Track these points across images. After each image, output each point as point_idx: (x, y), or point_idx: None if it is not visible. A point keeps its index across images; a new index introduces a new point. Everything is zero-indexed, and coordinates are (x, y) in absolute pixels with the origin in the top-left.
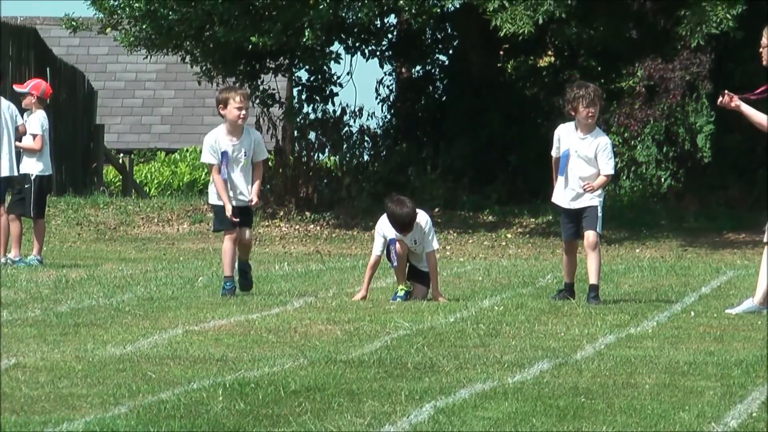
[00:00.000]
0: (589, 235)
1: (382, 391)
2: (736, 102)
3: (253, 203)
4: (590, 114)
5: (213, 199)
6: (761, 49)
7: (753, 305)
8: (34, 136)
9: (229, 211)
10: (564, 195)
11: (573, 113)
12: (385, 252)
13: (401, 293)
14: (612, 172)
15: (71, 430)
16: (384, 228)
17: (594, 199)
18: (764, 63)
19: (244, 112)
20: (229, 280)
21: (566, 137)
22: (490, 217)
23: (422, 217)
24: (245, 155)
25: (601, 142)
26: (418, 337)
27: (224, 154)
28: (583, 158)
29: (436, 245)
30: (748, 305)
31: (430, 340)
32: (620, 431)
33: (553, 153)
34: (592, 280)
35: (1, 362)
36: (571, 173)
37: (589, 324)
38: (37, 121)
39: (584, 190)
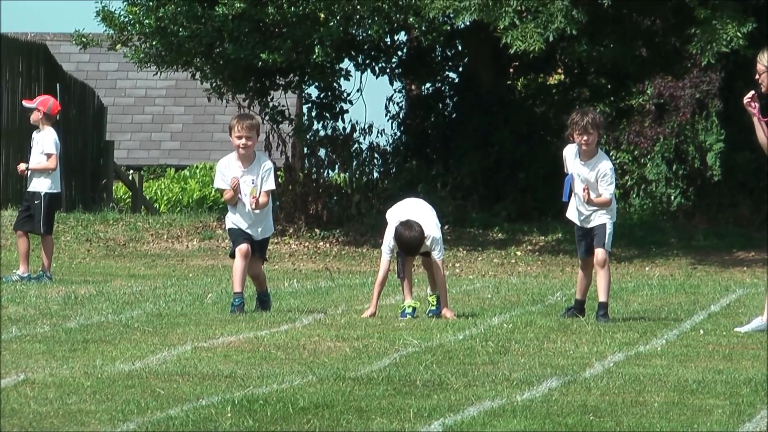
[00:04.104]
0: (598, 253)
1: (391, 408)
2: (756, 114)
3: (253, 200)
4: (583, 142)
5: (229, 224)
6: (759, 75)
7: (762, 324)
8: (48, 155)
9: (232, 185)
10: (575, 214)
11: (571, 138)
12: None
13: (409, 309)
14: (609, 197)
15: None
16: (390, 242)
17: (603, 217)
18: (764, 90)
19: (243, 141)
20: (238, 296)
21: (571, 159)
22: (499, 235)
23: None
24: (253, 182)
25: (601, 169)
26: (427, 355)
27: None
28: (584, 182)
29: (442, 256)
30: (757, 324)
31: (438, 358)
32: None
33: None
34: (602, 297)
35: (10, 378)
36: (576, 196)
37: (598, 342)
38: (51, 140)
39: (583, 192)
